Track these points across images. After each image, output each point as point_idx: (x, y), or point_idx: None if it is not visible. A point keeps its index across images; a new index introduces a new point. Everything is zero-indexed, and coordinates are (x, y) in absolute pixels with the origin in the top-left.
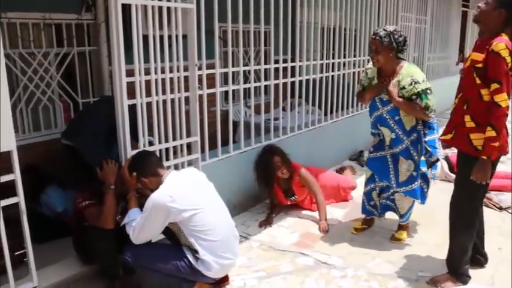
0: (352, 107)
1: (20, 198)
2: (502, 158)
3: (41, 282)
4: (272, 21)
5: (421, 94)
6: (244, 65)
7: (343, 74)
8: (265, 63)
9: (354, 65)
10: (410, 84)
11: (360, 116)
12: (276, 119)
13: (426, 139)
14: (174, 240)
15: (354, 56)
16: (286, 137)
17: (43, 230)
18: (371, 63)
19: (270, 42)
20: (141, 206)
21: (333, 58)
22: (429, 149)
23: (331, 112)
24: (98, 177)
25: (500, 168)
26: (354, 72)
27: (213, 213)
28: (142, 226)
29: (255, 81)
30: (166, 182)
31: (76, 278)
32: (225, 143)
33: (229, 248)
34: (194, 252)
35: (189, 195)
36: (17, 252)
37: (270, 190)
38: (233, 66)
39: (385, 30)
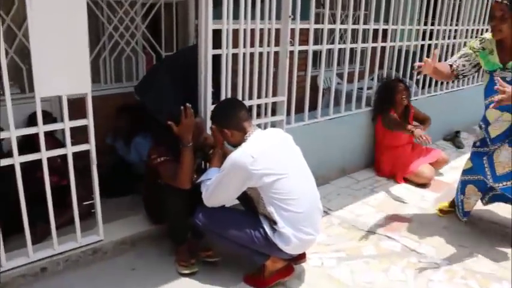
0: (448, 83)
1: (91, 146)
2: None
3: (107, 237)
4: None
5: None
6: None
7: (442, 45)
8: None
9: (455, 36)
10: None
11: (460, 93)
12: (368, 88)
13: None
14: (250, 208)
15: (456, 25)
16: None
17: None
18: (488, 33)
19: (369, 6)
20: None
21: (432, 25)
22: None
23: (425, 86)
24: (175, 132)
25: None
26: (453, 44)
27: (298, 180)
28: (216, 187)
29: (350, 43)
30: (249, 140)
31: (142, 236)
32: (312, 109)
33: (312, 222)
34: (272, 223)
35: (274, 158)
36: (86, 202)
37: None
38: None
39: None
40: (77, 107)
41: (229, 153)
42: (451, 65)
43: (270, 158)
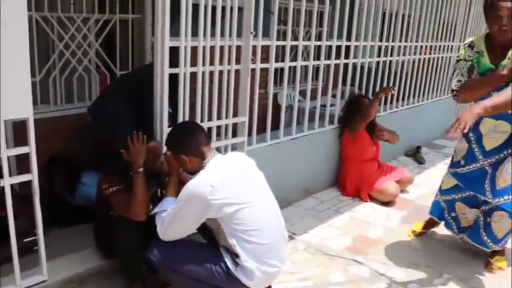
0: (409, 98)
1: (33, 176)
2: None
3: (52, 276)
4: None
5: None
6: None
7: (402, 62)
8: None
9: (415, 52)
10: None
11: (419, 108)
12: (331, 105)
13: None
14: (210, 239)
15: (416, 41)
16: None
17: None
18: (471, 37)
19: (332, 23)
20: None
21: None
22: None
23: (386, 103)
24: (125, 158)
25: None
26: (414, 60)
27: (262, 209)
28: (173, 219)
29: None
30: (208, 167)
31: (92, 272)
32: (274, 128)
33: (277, 253)
34: (234, 256)
35: (235, 186)
36: (27, 239)
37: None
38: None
39: None
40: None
41: (186, 180)
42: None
43: (230, 186)
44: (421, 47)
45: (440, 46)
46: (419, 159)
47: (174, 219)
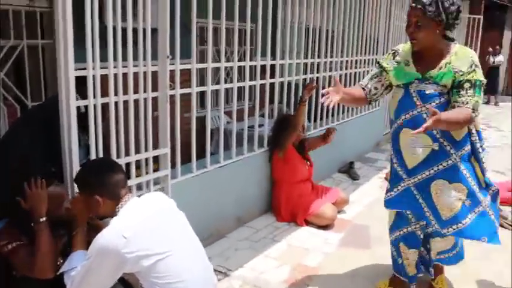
0: (338, 113)
1: None
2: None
3: None
4: (248, 18)
5: (477, 85)
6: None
7: (329, 77)
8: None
9: (341, 67)
10: (470, 66)
11: (349, 123)
12: (260, 125)
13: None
14: None
15: (341, 57)
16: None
17: None
18: (402, 44)
19: (255, 41)
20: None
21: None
22: (484, 173)
23: (316, 120)
24: (24, 208)
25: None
26: (340, 75)
27: (185, 257)
28: (83, 279)
29: (237, 81)
30: (121, 214)
31: None
32: (201, 155)
33: None
34: None
35: (153, 234)
36: None
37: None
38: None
39: None
40: None
41: (102, 226)
42: (363, 88)
43: (147, 234)
44: (347, 61)
45: (364, 60)
46: (353, 175)
47: (85, 278)
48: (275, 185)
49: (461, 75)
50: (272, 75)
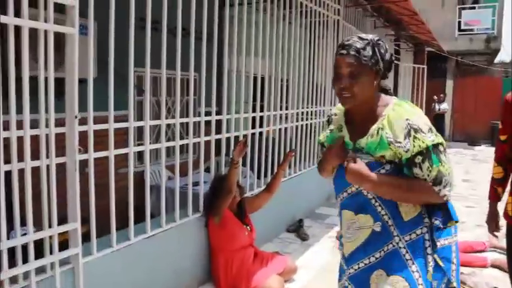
0: (289, 167)
1: None
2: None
3: None
4: (192, 68)
5: (430, 153)
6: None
7: (279, 129)
8: (187, 115)
9: (287, 118)
10: (408, 134)
11: (298, 178)
12: (195, 183)
13: (438, 245)
14: None
15: (286, 109)
16: None
17: None
18: (338, 105)
19: (199, 91)
20: None
21: (268, 111)
22: (441, 263)
23: (260, 177)
24: None
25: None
26: (291, 127)
27: None
28: None
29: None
30: None
31: None
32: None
33: None
34: None
35: None
36: None
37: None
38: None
39: (361, 38)
40: None
41: None
42: None
43: None
44: (297, 113)
45: (313, 112)
46: (302, 236)
47: None
48: (213, 253)
49: (399, 147)
50: (218, 129)
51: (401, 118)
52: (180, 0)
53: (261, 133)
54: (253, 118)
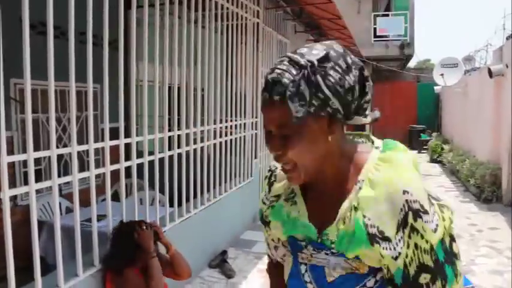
0: (202, 194)
1: None
2: None
3: None
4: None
5: (441, 265)
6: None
7: (201, 148)
8: (87, 134)
9: (214, 134)
10: (404, 223)
11: (218, 204)
12: (100, 217)
13: None
14: None
15: (202, 124)
16: None
17: None
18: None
19: (101, 105)
20: None
21: (187, 128)
22: None
23: (180, 204)
24: None
25: None
26: (202, 147)
27: None
28: None
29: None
30: None
31: None
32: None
33: None
34: None
35: None
36: None
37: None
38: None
39: (294, 63)
40: None
41: None
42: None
43: None
44: (214, 129)
45: (232, 126)
46: (227, 273)
47: None
48: None
49: (385, 248)
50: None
51: (394, 190)
52: None
53: (175, 153)
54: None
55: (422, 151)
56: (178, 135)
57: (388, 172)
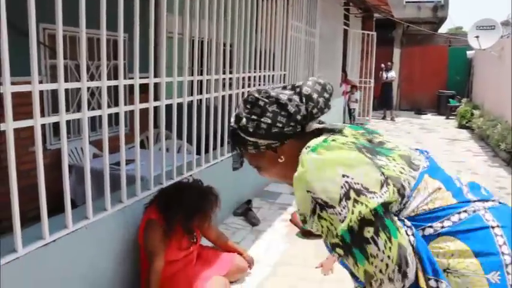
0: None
1: None
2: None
3: None
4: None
5: (350, 248)
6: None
7: (223, 96)
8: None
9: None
10: (314, 210)
11: None
12: (129, 162)
13: None
14: None
15: (231, 73)
16: (147, 195)
17: None
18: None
19: (130, 54)
20: None
21: (216, 74)
22: None
23: (199, 153)
24: None
25: None
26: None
27: None
28: None
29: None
30: None
31: None
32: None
33: None
34: None
35: None
36: None
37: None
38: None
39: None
40: None
41: None
42: None
43: None
44: (242, 78)
45: (260, 76)
46: (251, 220)
47: None
48: (143, 257)
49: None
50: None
51: (301, 188)
52: None
53: (201, 100)
54: (192, 84)
55: (451, 117)
56: (207, 80)
57: (296, 173)
